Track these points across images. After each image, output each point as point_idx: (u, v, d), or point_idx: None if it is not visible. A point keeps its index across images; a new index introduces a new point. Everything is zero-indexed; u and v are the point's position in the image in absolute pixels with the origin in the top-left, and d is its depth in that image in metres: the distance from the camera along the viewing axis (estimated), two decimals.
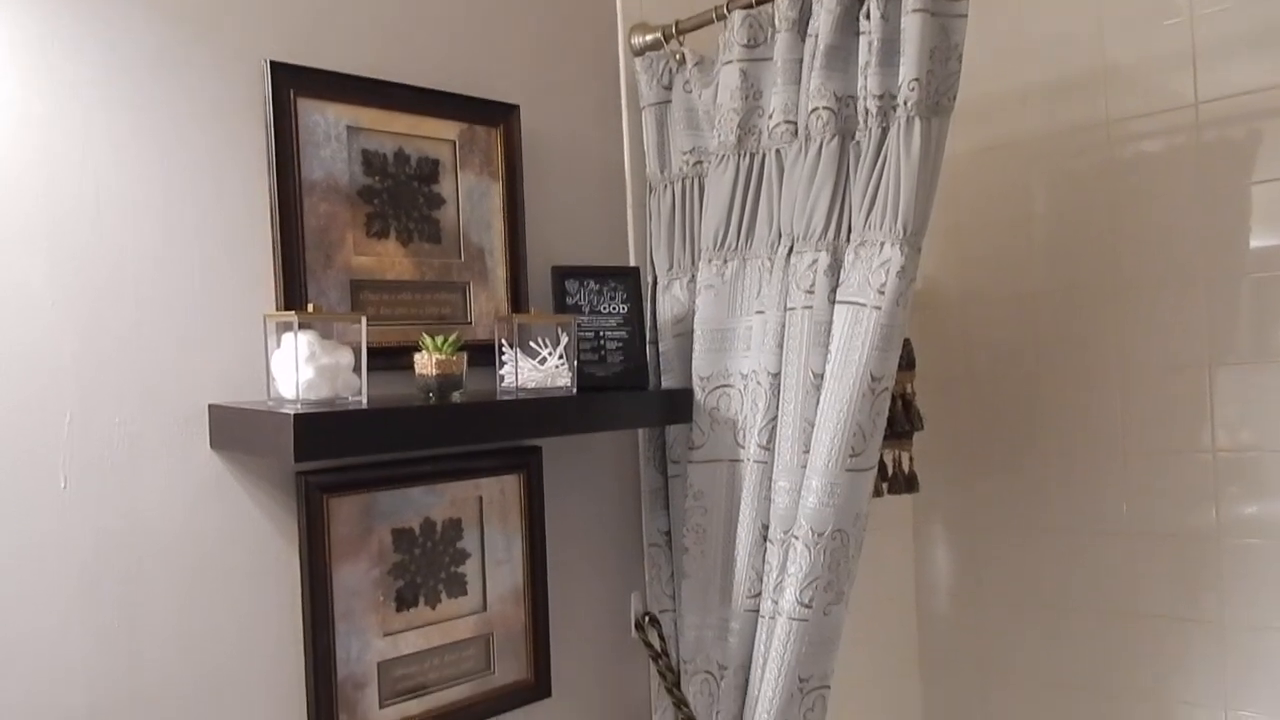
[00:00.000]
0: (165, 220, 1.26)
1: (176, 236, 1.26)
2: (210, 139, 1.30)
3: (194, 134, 1.28)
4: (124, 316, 1.22)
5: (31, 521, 1.15)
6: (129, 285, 1.23)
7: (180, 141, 1.27)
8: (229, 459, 1.30)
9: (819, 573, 1.52)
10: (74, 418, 1.18)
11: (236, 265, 1.31)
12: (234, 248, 1.31)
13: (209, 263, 1.29)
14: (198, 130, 1.29)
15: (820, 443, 1.50)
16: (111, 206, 1.21)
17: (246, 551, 1.32)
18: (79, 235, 1.19)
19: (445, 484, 1.50)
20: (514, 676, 1.59)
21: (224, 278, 1.30)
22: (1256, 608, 1.97)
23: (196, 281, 1.28)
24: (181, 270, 1.27)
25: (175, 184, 1.27)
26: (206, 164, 1.29)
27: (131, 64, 1.24)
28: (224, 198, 1.31)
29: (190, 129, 1.28)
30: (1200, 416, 2.02)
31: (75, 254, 1.19)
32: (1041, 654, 2.26)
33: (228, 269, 1.31)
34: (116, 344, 1.21)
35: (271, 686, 1.33)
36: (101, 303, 1.20)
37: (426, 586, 1.48)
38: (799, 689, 1.56)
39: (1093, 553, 2.18)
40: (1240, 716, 1.99)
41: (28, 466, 1.15)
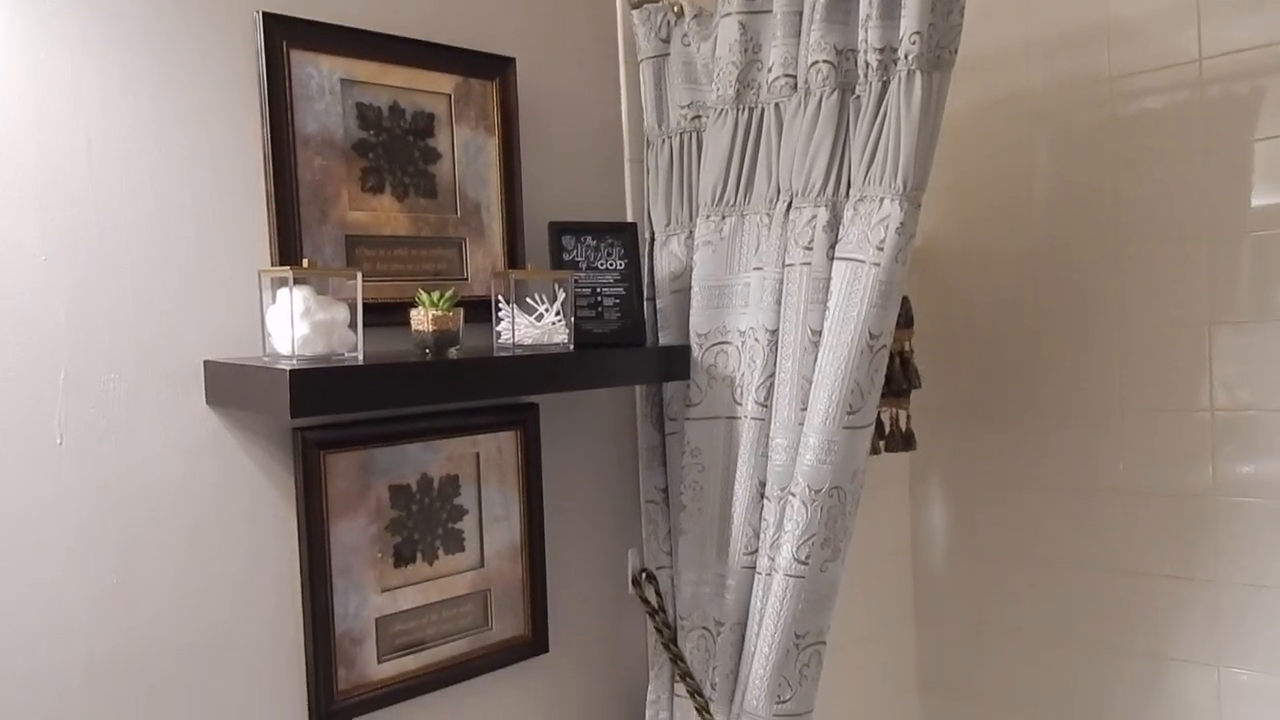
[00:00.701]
0: (157, 175, 1.24)
1: (169, 190, 1.25)
2: (202, 92, 1.28)
3: (186, 87, 1.27)
4: (117, 271, 1.21)
5: (28, 478, 1.15)
6: (122, 240, 1.21)
7: (172, 95, 1.25)
8: (225, 415, 1.30)
9: (816, 530, 1.53)
10: (68, 374, 1.18)
11: (231, 220, 1.30)
12: (228, 202, 1.30)
13: (203, 217, 1.28)
14: (189, 83, 1.27)
15: (818, 400, 1.50)
16: (103, 161, 1.20)
17: (244, 508, 1.32)
18: (71, 189, 1.18)
19: (442, 440, 1.50)
20: (512, 632, 1.60)
21: (218, 232, 1.29)
22: (1251, 566, 1.98)
23: (190, 236, 1.27)
24: (175, 225, 1.26)
25: (167, 138, 1.25)
26: (199, 117, 1.28)
27: (122, 16, 1.22)
28: (217, 152, 1.29)
29: (182, 82, 1.26)
30: (1199, 375, 2.02)
31: (67, 208, 1.17)
32: (1036, 611, 2.28)
33: (222, 224, 1.29)
34: (110, 299, 1.21)
35: (270, 641, 1.34)
36: (94, 258, 1.19)
37: (424, 543, 1.49)
38: (795, 645, 1.57)
39: (1089, 511, 2.19)
40: (1233, 673, 2.01)
41: (23, 423, 1.15)
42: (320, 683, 1.36)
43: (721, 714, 1.66)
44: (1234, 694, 2.01)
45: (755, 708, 1.59)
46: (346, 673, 1.40)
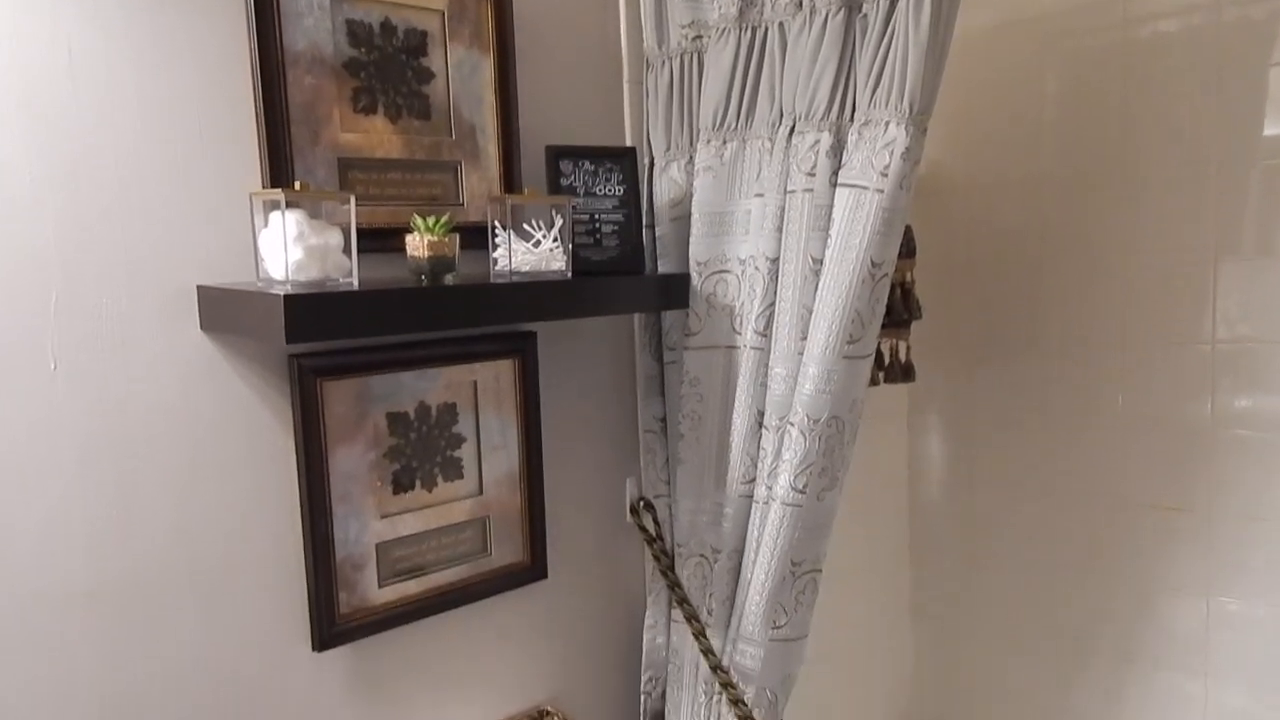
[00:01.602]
0: (142, 93, 1.21)
1: (155, 109, 1.22)
2: (187, 5, 1.23)
3: (170, 0, 1.22)
4: (105, 193, 1.18)
5: (24, 403, 1.14)
6: (109, 161, 1.18)
7: (155, 8, 1.21)
8: (220, 341, 1.28)
9: (814, 459, 1.53)
10: (59, 298, 1.16)
11: (219, 140, 1.27)
12: (216, 122, 1.26)
13: (190, 137, 1.25)
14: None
15: (818, 329, 1.49)
16: (86, 79, 1.16)
17: (241, 434, 1.31)
18: (54, 109, 1.14)
19: (439, 368, 1.49)
20: (511, 559, 1.61)
21: (207, 153, 1.26)
22: (1244, 498, 1.99)
23: (179, 157, 1.24)
24: (162, 145, 1.22)
25: (151, 54, 1.21)
26: (184, 32, 1.23)
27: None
28: (204, 68, 1.25)
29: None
30: (1202, 307, 2.01)
31: (51, 128, 1.14)
32: (1030, 540, 2.30)
33: (210, 144, 1.26)
34: (99, 222, 1.18)
35: (271, 565, 1.35)
36: (81, 179, 1.17)
37: (423, 470, 1.49)
38: (791, 573, 1.59)
39: (1086, 443, 2.19)
40: (1221, 602, 2.04)
41: (16, 347, 1.13)
42: (322, 606, 1.37)
43: (718, 639, 1.68)
44: (1222, 622, 2.04)
45: (751, 633, 1.61)
46: (348, 597, 1.41)
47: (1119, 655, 2.18)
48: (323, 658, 1.41)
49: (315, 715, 1.40)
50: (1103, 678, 2.22)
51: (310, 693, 1.40)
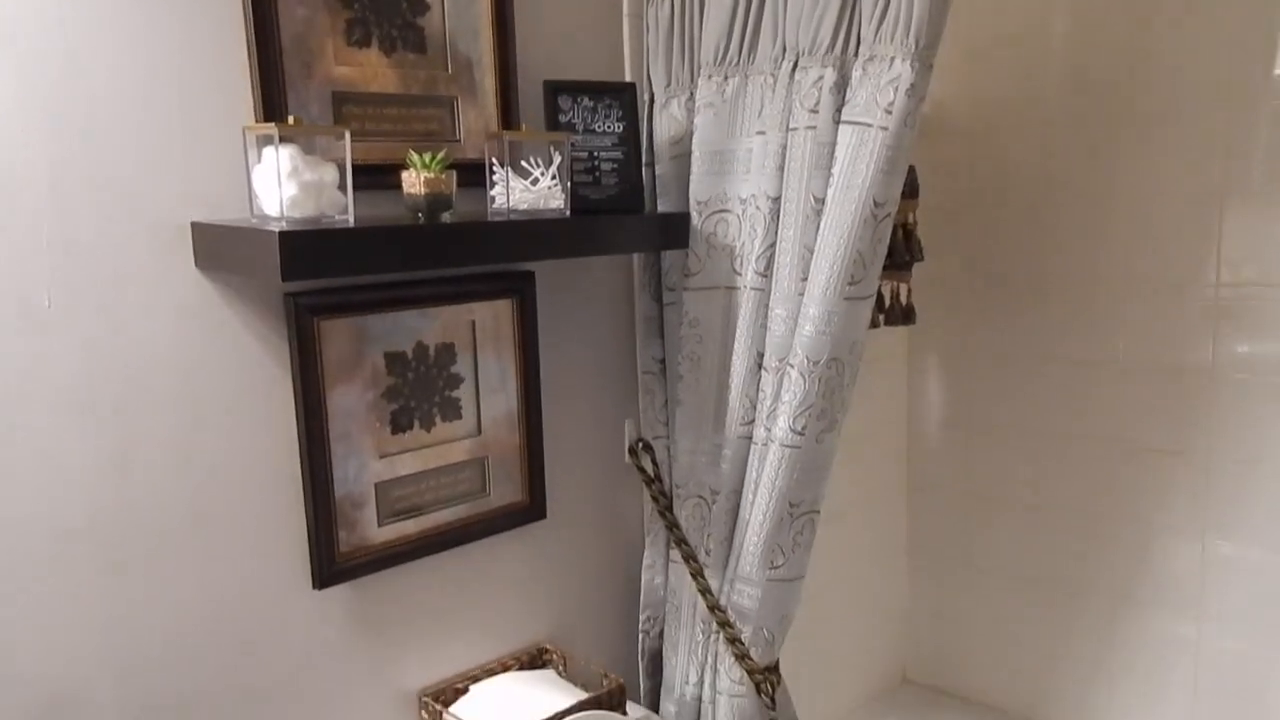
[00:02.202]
0: (133, 27, 1.18)
1: (145, 44, 1.19)
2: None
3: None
4: (95, 129, 1.16)
5: (19, 340, 1.13)
6: (99, 97, 1.16)
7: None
8: (216, 279, 1.27)
9: (813, 401, 1.52)
10: (52, 234, 1.14)
11: (211, 74, 1.24)
12: (208, 55, 1.24)
13: (182, 71, 1.22)
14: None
15: (819, 270, 1.48)
16: (74, 13, 1.13)
17: (239, 372, 1.31)
18: (42, 44, 1.11)
19: (437, 308, 1.48)
20: (509, 499, 1.61)
21: (199, 87, 1.23)
22: (1242, 442, 1.99)
23: (171, 92, 1.21)
24: (154, 80, 1.20)
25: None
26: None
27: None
28: (194, 0, 1.22)
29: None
30: (1207, 251, 1.99)
31: (39, 63, 1.12)
32: (1027, 484, 2.31)
33: (202, 78, 1.24)
34: (90, 159, 1.16)
35: (271, 503, 1.35)
36: (71, 115, 1.14)
37: (421, 410, 1.48)
38: (789, 513, 1.59)
39: (1086, 386, 2.19)
40: (1217, 544, 2.05)
41: (9, 284, 1.12)
42: (321, 544, 1.38)
43: (715, 579, 1.69)
44: (1216, 564, 2.06)
45: (749, 573, 1.62)
46: (347, 535, 1.42)
47: (1114, 597, 2.21)
48: (323, 595, 1.42)
49: (316, 652, 1.42)
50: (1097, 619, 2.24)
51: (311, 630, 1.41)
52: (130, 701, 1.25)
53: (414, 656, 1.54)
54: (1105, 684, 2.24)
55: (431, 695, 1.53)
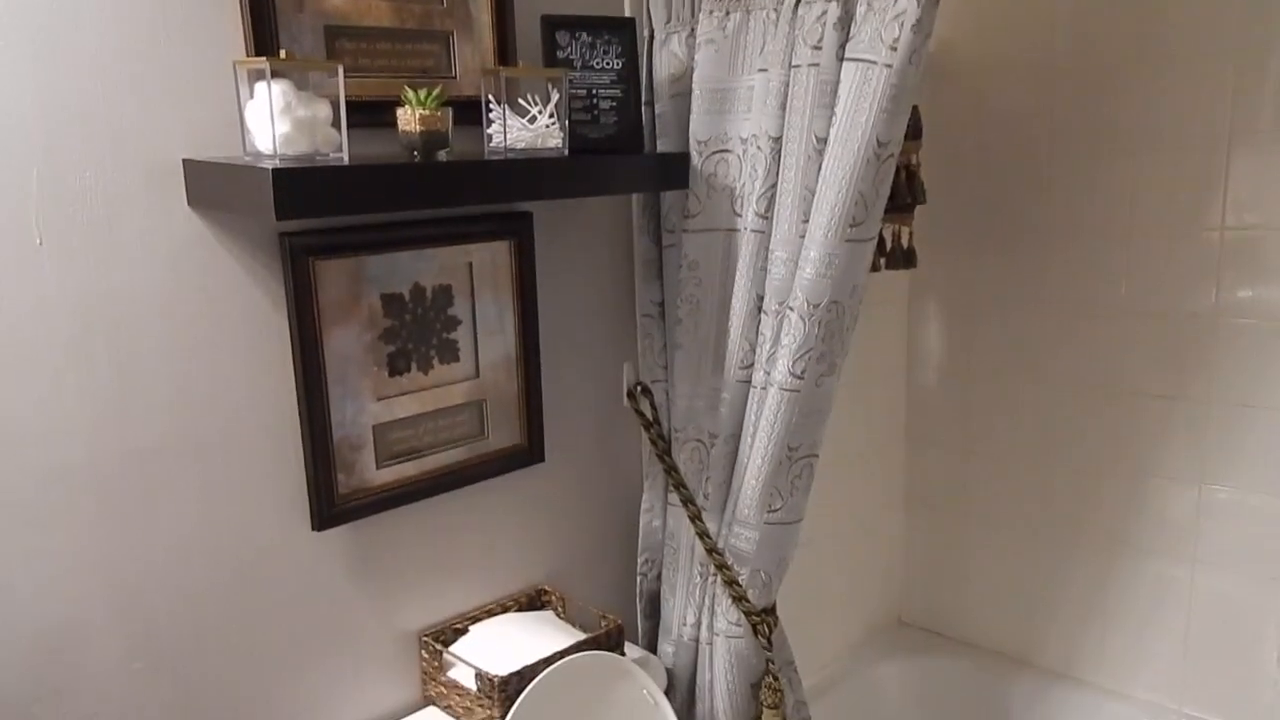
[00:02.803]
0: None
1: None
2: None
3: None
4: (84, 64, 1.13)
5: (12, 280, 1.12)
6: (87, 31, 1.13)
7: None
8: (209, 218, 1.25)
9: (812, 344, 1.51)
10: (41, 172, 1.12)
11: (201, 6, 1.21)
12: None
13: (170, 3, 1.19)
14: None
15: (820, 212, 1.46)
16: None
17: (234, 313, 1.29)
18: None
19: (434, 249, 1.46)
20: (508, 442, 1.61)
21: (189, 21, 1.20)
22: (1242, 386, 1.99)
23: (159, 25, 1.18)
24: (141, 13, 1.17)
25: None
26: None
27: None
28: None
29: None
30: (1213, 193, 1.97)
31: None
32: (1027, 428, 2.32)
33: (192, 11, 1.20)
34: (79, 95, 1.14)
35: (269, 444, 1.35)
36: (58, 50, 1.11)
37: (419, 352, 1.47)
38: (788, 457, 1.59)
39: (1087, 331, 2.18)
40: (1213, 489, 2.06)
41: (1, 223, 1.10)
42: (321, 486, 1.38)
43: (713, 522, 1.70)
44: (1212, 510, 2.07)
45: (746, 516, 1.63)
46: (346, 478, 1.42)
47: (1109, 541, 2.22)
48: (323, 537, 1.42)
49: (316, 592, 1.43)
50: (1091, 563, 2.26)
51: (311, 571, 1.42)
52: (132, 638, 1.25)
53: (414, 597, 1.55)
54: (1098, 626, 2.27)
55: (431, 635, 1.55)
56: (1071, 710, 2.28)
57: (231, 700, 1.36)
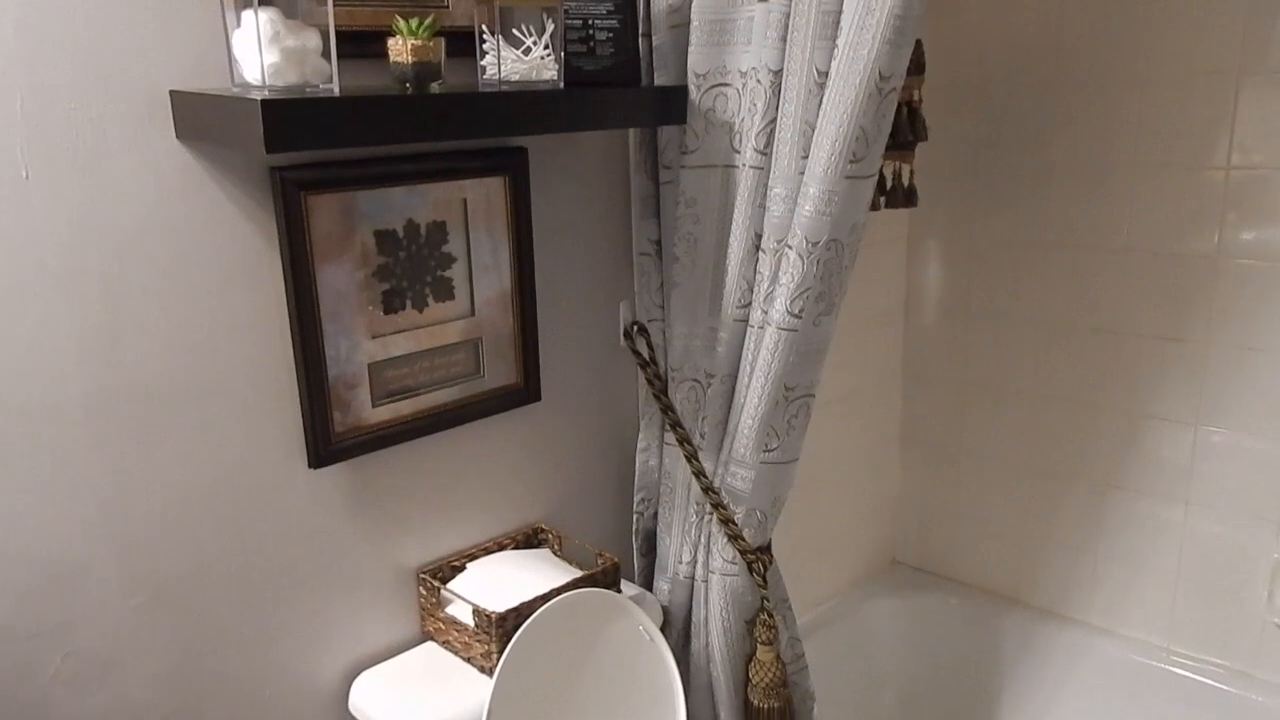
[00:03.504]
0: None
1: None
2: None
3: None
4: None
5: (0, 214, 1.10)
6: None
7: None
8: (198, 151, 1.23)
9: (810, 283, 1.50)
10: (25, 102, 1.10)
11: None
12: None
13: None
14: None
15: (820, 147, 1.43)
16: None
17: (226, 248, 1.28)
18: None
19: (427, 185, 1.44)
20: (503, 380, 1.61)
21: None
22: (1242, 328, 1.98)
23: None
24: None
25: None
26: None
27: None
28: None
29: None
30: (1219, 131, 1.94)
31: None
32: (1023, 370, 2.32)
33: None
34: (63, 21, 1.10)
35: (265, 381, 1.34)
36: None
37: (413, 290, 1.46)
38: (784, 396, 1.59)
39: (1088, 272, 2.17)
40: (1208, 431, 2.06)
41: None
42: (316, 424, 1.38)
43: (709, 461, 1.70)
44: (1206, 452, 2.07)
45: (743, 455, 1.63)
46: (342, 416, 1.41)
47: (1103, 483, 2.23)
48: (319, 475, 1.42)
49: (313, 530, 1.43)
50: (1085, 504, 2.27)
51: (308, 508, 1.42)
52: (132, 575, 1.26)
53: (411, 535, 1.55)
54: (1089, 566, 2.29)
55: (429, 572, 1.56)
56: (1061, 647, 2.32)
57: (232, 635, 1.37)
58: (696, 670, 1.78)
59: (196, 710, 1.35)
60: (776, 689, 1.73)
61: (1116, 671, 2.23)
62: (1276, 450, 1.98)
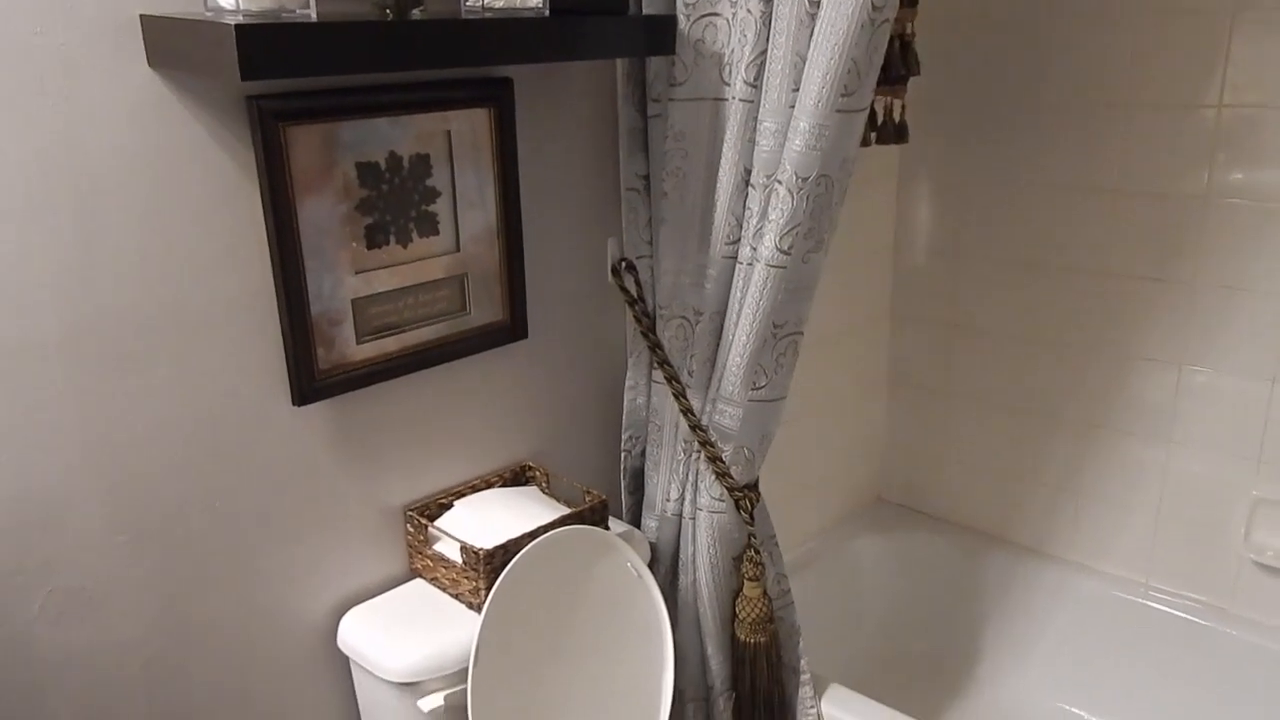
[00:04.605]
0: None
1: None
2: None
3: None
4: None
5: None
6: None
7: None
8: (171, 80, 1.19)
9: (800, 219, 1.48)
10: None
11: None
12: None
13: None
14: None
15: (811, 80, 1.40)
16: None
17: (202, 182, 1.25)
18: None
19: (410, 116, 1.40)
20: (490, 318, 1.59)
21: None
22: (1229, 268, 1.98)
23: None
24: None
25: None
26: None
27: None
28: None
29: None
30: (1212, 69, 1.91)
31: None
32: (1011, 309, 2.31)
33: None
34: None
35: (246, 318, 1.32)
36: None
37: (397, 225, 1.43)
38: (773, 334, 1.58)
39: (1078, 212, 2.15)
40: (1192, 370, 2.07)
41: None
42: (300, 361, 1.36)
43: (697, 399, 1.70)
44: (1190, 392, 2.08)
45: (731, 393, 1.63)
46: (326, 352, 1.39)
47: (1087, 422, 2.25)
48: (304, 412, 1.41)
49: (298, 468, 1.42)
50: (1068, 444, 2.29)
51: (294, 445, 1.41)
52: (115, 514, 1.25)
53: (398, 473, 1.55)
54: (1072, 505, 2.32)
55: (416, 510, 1.56)
56: (1043, 584, 2.35)
57: (219, 573, 1.37)
58: (684, 606, 1.80)
59: (183, 648, 1.35)
60: (763, 624, 1.75)
61: (1097, 606, 2.26)
62: (1257, 389, 1.99)
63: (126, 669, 1.30)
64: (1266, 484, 2.02)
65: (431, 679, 1.39)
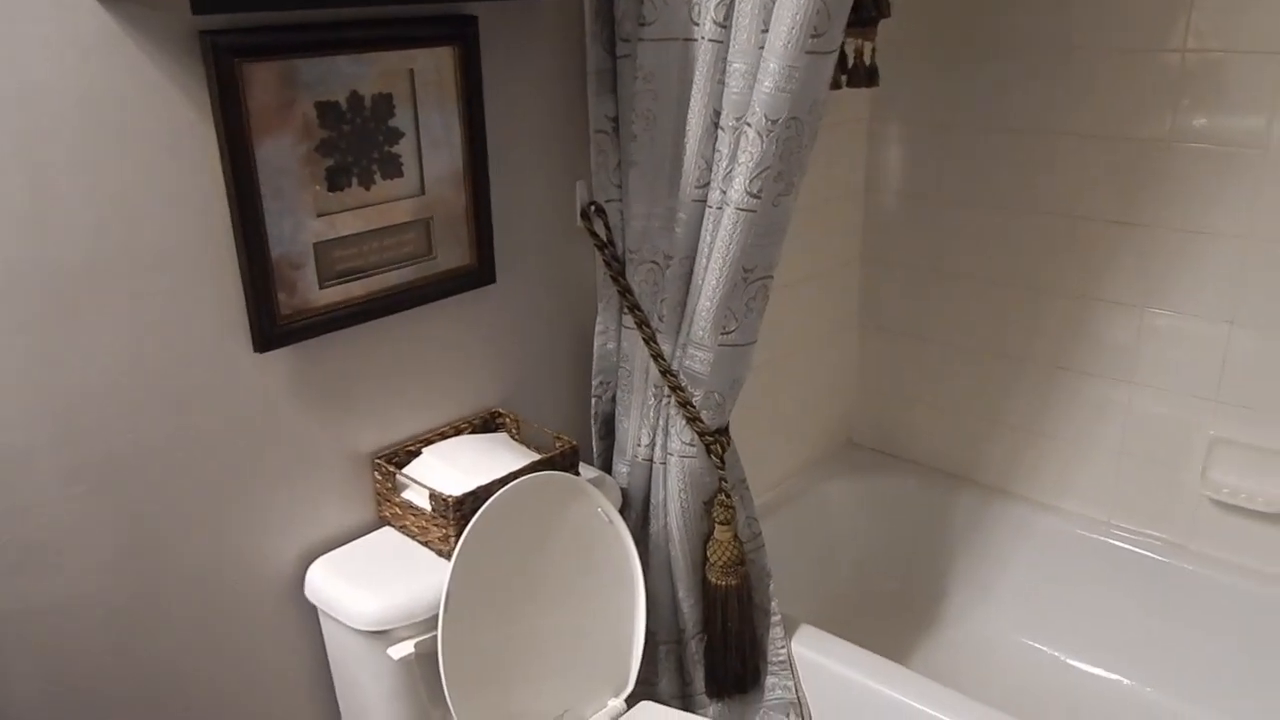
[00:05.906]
0: None
1: None
2: None
3: None
4: None
5: None
6: None
7: None
8: (120, 14, 1.14)
9: (770, 162, 1.47)
10: None
11: None
12: None
13: None
14: None
15: (780, 20, 1.38)
16: None
17: (156, 120, 1.20)
18: None
19: (372, 54, 1.36)
20: (456, 262, 1.56)
21: None
22: (1191, 212, 1.99)
23: None
24: None
25: None
26: None
27: None
28: None
29: None
30: (1177, 13, 1.90)
31: None
32: (979, 254, 2.32)
33: None
34: None
35: (204, 262, 1.29)
36: None
37: (359, 166, 1.40)
38: (743, 278, 1.57)
39: (1045, 155, 2.15)
40: (1154, 313, 2.09)
41: None
42: (260, 306, 1.33)
43: (668, 343, 1.69)
44: (1151, 334, 2.11)
45: (701, 338, 1.62)
46: (288, 298, 1.37)
47: (1052, 364, 2.27)
48: (266, 359, 1.38)
49: (262, 416, 1.40)
50: (1034, 385, 2.31)
51: (255, 393, 1.38)
52: (74, 464, 1.22)
53: (365, 420, 1.53)
54: (1036, 446, 2.35)
55: (384, 457, 1.54)
56: (1008, 522, 2.39)
57: (182, 523, 1.35)
58: (655, 550, 1.81)
59: (148, 600, 1.34)
60: (734, 567, 1.76)
61: (1060, 544, 2.31)
62: (1215, 332, 2.01)
63: (89, 620, 1.29)
64: (1223, 424, 2.05)
65: (401, 627, 1.39)
